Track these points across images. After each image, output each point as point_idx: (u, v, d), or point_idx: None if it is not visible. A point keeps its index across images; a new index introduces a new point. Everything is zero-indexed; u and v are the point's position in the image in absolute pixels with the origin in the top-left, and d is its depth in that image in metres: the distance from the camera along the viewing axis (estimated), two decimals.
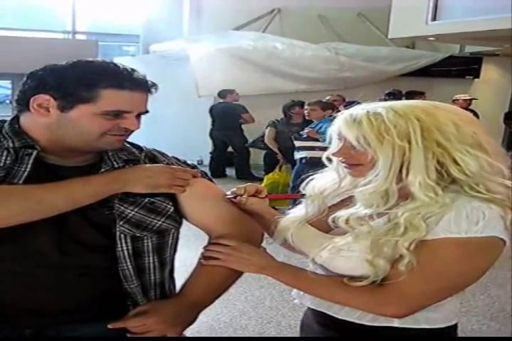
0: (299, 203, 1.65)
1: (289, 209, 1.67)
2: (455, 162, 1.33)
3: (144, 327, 1.46)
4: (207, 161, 10.17)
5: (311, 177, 1.60)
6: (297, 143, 6.39)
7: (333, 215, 1.47)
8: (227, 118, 9.15)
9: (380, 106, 1.40)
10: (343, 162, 1.47)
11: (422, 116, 1.35)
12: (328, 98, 6.98)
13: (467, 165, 1.32)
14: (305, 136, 6.23)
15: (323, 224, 1.52)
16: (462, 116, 1.39)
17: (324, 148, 1.49)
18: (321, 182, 1.58)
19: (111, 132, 1.47)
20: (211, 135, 9.60)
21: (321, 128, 6.15)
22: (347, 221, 1.42)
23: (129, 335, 1.47)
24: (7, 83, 12.48)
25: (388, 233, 1.35)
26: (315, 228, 1.54)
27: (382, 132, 1.35)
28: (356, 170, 1.45)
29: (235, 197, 1.64)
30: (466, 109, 6.50)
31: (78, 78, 1.41)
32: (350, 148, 1.42)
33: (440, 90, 9.81)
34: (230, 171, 9.56)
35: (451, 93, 9.13)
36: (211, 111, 9.43)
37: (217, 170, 9.25)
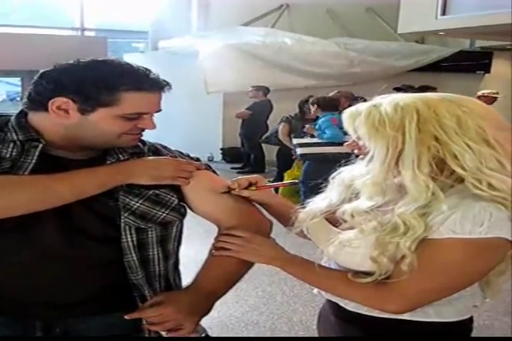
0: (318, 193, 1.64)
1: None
2: (455, 156, 1.31)
3: (160, 317, 1.48)
4: (217, 157, 10.18)
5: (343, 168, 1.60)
6: (295, 141, 6.47)
7: (340, 209, 1.47)
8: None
9: (388, 98, 1.39)
10: (357, 153, 1.48)
11: (422, 108, 1.33)
12: (332, 94, 6.94)
13: (464, 159, 1.30)
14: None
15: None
16: (470, 109, 1.35)
17: (321, 144, 1.50)
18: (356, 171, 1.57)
19: (129, 132, 1.50)
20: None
21: (316, 124, 6.20)
22: (352, 215, 1.43)
23: (146, 326, 1.50)
24: (17, 80, 12.54)
25: (390, 233, 1.34)
26: (337, 219, 1.53)
27: (376, 123, 1.34)
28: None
29: (228, 192, 1.64)
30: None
31: (98, 81, 1.42)
32: (358, 140, 1.43)
33: (451, 85, 9.75)
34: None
35: (462, 88, 9.04)
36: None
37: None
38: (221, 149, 10.58)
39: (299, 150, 6.31)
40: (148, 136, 1.63)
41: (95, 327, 1.57)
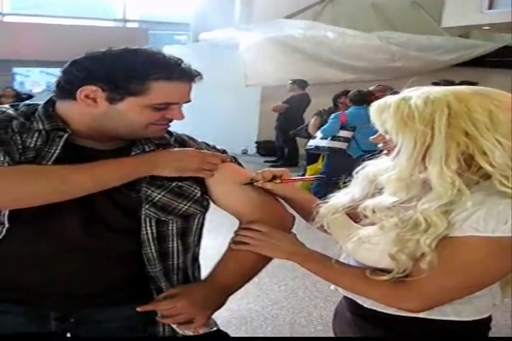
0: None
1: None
2: (484, 152, 1.26)
3: (173, 309, 1.48)
4: (252, 151, 10.18)
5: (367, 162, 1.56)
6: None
7: (362, 205, 1.44)
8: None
9: (417, 91, 1.35)
10: (382, 148, 1.44)
11: (453, 102, 1.29)
12: (372, 88, 6.91)
13: (493, 156, 1.25)
14: None
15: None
16: (501, 102, 1.30)
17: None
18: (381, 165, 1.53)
19: (156, 122, 1.48)
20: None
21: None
22: (373, 211, 1.40)
23: (158, 318, 1.50)
24: (57, 71, 12.71)
25: (411, 230, 1.31)
26: (359, 214, 1.50)
27: (405, 117, 1.30)
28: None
29: (251, 183, 1.61)
30: None
31: (128, 70, 1.39)
32: (385, 133, 1.39)
33: (494, 81, 9.56)
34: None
35: (506, 84, 8.89)
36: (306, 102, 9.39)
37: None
38: (256, 142, 10.56)
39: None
40: (184, 127, 1.61)
41: (111, 318, 1.57)
